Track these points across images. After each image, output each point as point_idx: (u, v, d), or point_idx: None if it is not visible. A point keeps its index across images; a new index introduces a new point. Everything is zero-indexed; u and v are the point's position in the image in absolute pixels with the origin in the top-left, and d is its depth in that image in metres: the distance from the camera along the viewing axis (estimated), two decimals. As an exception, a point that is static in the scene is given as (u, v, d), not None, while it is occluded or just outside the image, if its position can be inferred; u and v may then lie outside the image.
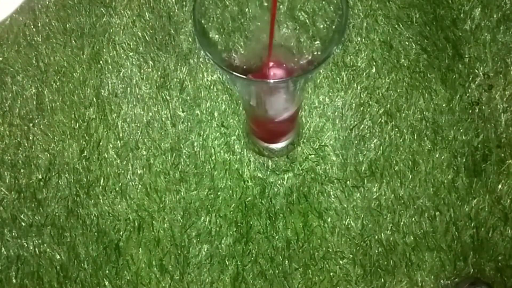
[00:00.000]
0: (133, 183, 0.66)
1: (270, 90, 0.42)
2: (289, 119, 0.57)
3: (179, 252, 0.63)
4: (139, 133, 0.68)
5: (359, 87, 0.69)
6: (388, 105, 0.68)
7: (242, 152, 0.66)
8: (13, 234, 0.64)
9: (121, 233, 0.64)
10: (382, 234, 0.63)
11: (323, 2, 0.42)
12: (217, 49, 0.43)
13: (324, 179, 0.65)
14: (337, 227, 0.63)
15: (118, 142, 0.68)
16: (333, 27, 0.40)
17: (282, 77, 0.45)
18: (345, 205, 0.64)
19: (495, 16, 0.71)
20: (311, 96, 0.68)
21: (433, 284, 0.61)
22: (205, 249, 0.62)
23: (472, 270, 0.61)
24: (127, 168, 0.66)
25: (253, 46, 0.44)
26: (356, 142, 0.66)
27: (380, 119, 0.67)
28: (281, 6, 0.43)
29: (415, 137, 0.66)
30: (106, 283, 0.62)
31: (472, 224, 0.63)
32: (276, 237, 0.63)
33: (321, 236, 0.63)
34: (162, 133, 0.68)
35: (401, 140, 0.66)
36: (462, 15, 0.72)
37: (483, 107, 0.67)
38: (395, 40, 0.71)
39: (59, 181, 0.66)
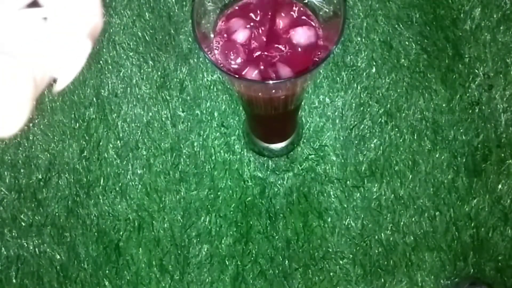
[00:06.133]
0: (133, 183, 0.66)
1: (269, 90, 0.42)
2: (289, 118, 0.57)
3: (179, 252, 0.63)
4: (139, 133, 0.68)
5: (359, 87, 0.69)
6: (388, 105, 0.68)
7: (242, 152, 0.66)
8: (13, 234, 0.64)
9: (121, 233, 0.64)
10: (382, 234, 0.63)
11: (323, 2, 0.42)
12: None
13: (324, 179, 0.65)
14: (337, 227, 0.63)
15: (118, 142, 0.68)
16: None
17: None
18: (345, 205, 0.64)
19: (495, 16, 0.71)
20: (311, 96, 0.68)
21: (433, 284, 0.61)
22: (205, 249, 0.62)
23: (472, 270, 0.61)
24: (127, 168, 0.66)
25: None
26: (356, 142, 0.66)
27: (380, 119, 0.67)
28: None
29: (415, 137, 0.66)
30: (106, 283, 0.62)
31: (472, 224, 0.63)
32: (276, 237, 0.63)
33: (321, 236, 0.63)
34: (162, 133, 0.68)
35: (401, 140, 0.66)
36: (462, 15, 0.72)
37: (483, 107, 0.67)
38: (395, 40, 0.71)
39: (59, 181, 0.66)
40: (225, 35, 0.42)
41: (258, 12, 0.43)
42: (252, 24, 0.42)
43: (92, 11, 0.20)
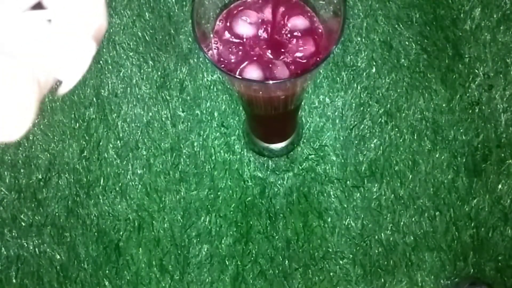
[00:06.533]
0: (133, 183, 0.66)
1: (269, 90, 0.42)
2: (289, 118, 0.57)
3: (179, 252, 0.63)
4: (139, 133, 0.68)
5: (359, 87, 0.69)
6: (388, 105, 0.68)
7: (242, 152, 0.66)
8: (13, 234, 0.64)
9: (121, 233, 0.64)
10: (382, 234, 0.63)
11: (323, 2, 0.42)
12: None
13: (324, 179, 0.65)
14: (337, 227, 0.63)
15: (118, 142, 0.68)
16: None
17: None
18: (345, 205, 0.64)
19: (495, 16, 0.71)
20: (311, 96, 0.68)
21: (433, 284, 0.61)
22: (205, 249, 0.62)
23: (472, 270, 0.61)
24: (127, 168, 0.66)
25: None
26: (356, 142, 0.66)
27: (380, 119, 0.67)
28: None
29: (415, 137, 0.66)
30: (106, 283, 0.62)
31: (472, 224, 0.63)
32: (276, 237, 0.63)
33: (321, 236, 0.63)
34: (162, 133, 0.68)
35: (401, 140, 0.66)
36: (462, 15, 0.72)
37: (483, 107, 0.67)
38: (395, 40, 0.71)
39: (59, 181, 0.66)
40: (225, 35, 0.42)
41: (258, 11, 0.43)
42: (252, 23, 0.42)
43: (97, 12, 0.20)
